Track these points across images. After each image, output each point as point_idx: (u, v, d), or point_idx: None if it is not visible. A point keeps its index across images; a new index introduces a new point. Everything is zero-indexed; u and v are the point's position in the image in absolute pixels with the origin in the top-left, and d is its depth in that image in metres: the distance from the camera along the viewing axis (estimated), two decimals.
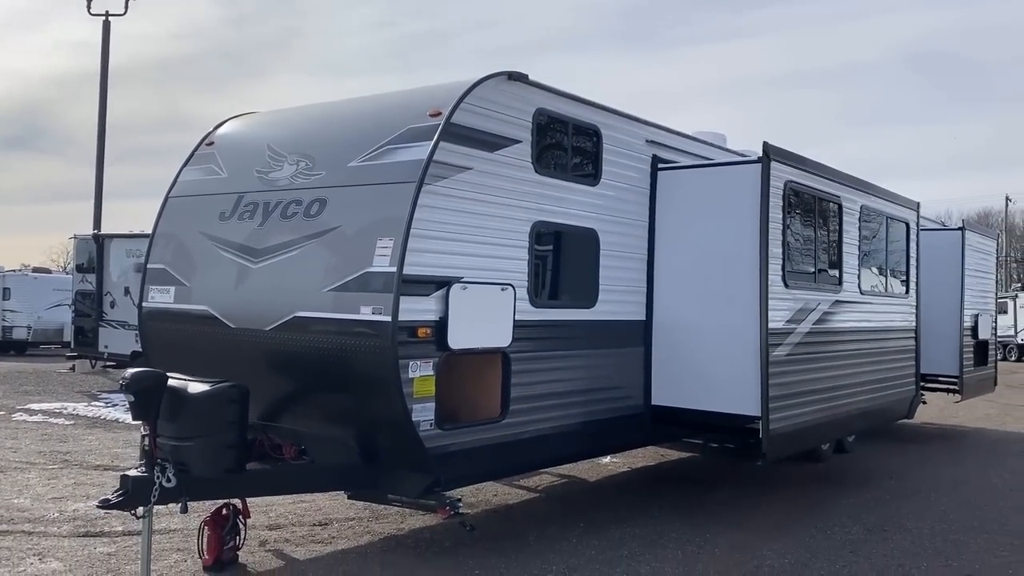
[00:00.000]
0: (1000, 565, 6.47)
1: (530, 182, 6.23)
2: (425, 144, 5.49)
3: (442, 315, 5.51)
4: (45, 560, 6.06)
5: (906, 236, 10.05)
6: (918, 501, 8.50)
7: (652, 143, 7.49)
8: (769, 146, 6.98)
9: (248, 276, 6.05)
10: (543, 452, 6.55)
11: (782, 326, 7.18)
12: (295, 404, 6.12)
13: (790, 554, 6.60)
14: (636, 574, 6.05)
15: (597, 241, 6.89)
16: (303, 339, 5.67)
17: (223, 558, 5.93)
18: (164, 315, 6.62)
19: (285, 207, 6.00)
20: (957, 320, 11.78)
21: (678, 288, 7.34)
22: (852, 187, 8.57)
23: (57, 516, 7.24)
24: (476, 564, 6.13)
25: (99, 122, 22.82)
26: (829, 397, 7.97)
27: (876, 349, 9.07)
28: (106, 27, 22.96)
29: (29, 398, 15.47)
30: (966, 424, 14.42)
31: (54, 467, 9.31)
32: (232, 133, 7.08)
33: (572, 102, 6.65)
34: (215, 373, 5.65)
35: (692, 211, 7.30)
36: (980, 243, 13.06)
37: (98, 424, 12.60)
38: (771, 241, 6.95)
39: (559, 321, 6.58)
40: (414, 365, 5.34)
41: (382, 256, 5.31)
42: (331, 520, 7.25)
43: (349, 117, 6.48)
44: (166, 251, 6.73)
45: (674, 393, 7.31)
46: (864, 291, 8.79)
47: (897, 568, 6.33)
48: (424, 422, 5.42)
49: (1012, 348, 33.46)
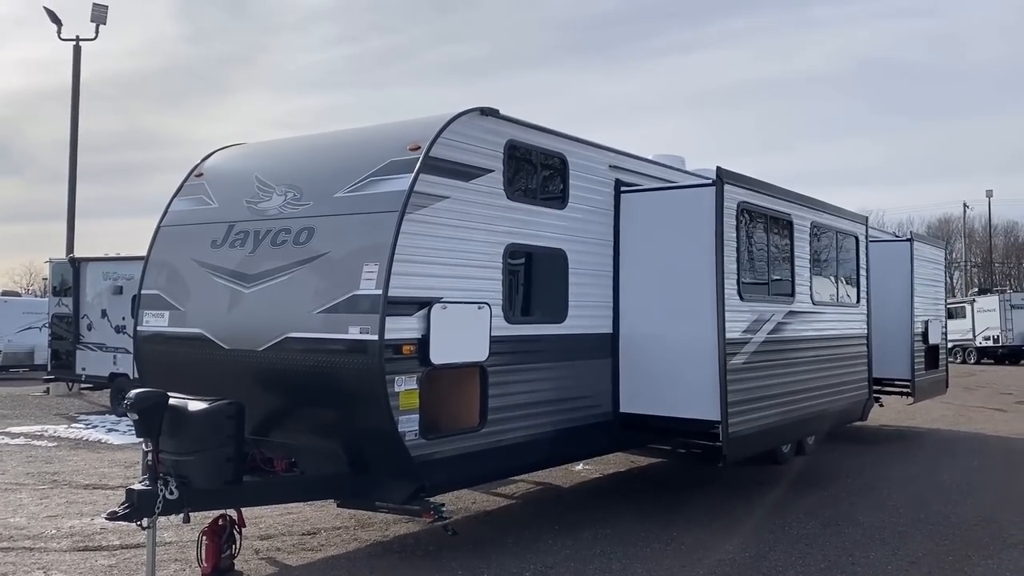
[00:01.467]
0: (941, 553, 7.03)
1: (502, 208, 6.71)
2: (406, 176, 5.96)
3: (424, 333, 5.95)
4: (50, 573, 6.38)
5: (856, 248, 10.67)
6: (871, 497, 9.06)
7: (615, 168, 8.01)
8: (722, 170, 7.53)
9: (241, 300, 6.46)
10: (520, 458, 7.00)
11: (739, 336, 7.72)
12: (286, 419, 6.52)
13: (750, 549, 7.11)
14: (608, 570, 6.52)
15: (566, 260, 7.38)
16: (294, 358, 6.08)
17: (221, 566, 6.30)
18: (159, 338, 7.00)
19: (275, 235, 6.42)
20: (908, 326, 12.43)
21: (642, 302, 7.84)
22: (802, 205, 9.17)
23: (55, 533, 7.55)
24: (458, 565, 6.56)
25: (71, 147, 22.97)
26: (785, 401, 8.52)
27: (829, 356, 9.65)
28: (77, 51, 23.17)
29: (8, 421, 15.59)
30: (921, 426, 15.09)
31: (44, 487, 9.58)
32: (220, 164, 7.48)
33: (540, 133, 7.15)
34: (210, 392, 6.04)
35: (653, 231, 7.82)
36: (929, 253, 13.76)
37: (81, 445, 12.81)
38: (726, 257, 7.48)
39: (532, 336, 7.06)
40: (399, 380, 5.78)
41: (368, 279, 5.75)
42: (319, 529, 7.64)
43: (333, 150, 6.92)
44: (160, 277, 7.11)
45: (640, 401, 7.80)
46: (816, 301, 9.37)
47: (847, 558, 6.86)
48: (409, 432, 5.85)
49: (971, 351, 34.53)
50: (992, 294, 36.60)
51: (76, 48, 23.13)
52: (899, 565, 6.70)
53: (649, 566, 6.62)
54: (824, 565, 6.66)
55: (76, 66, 23.06)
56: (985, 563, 6.74)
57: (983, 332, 34.06)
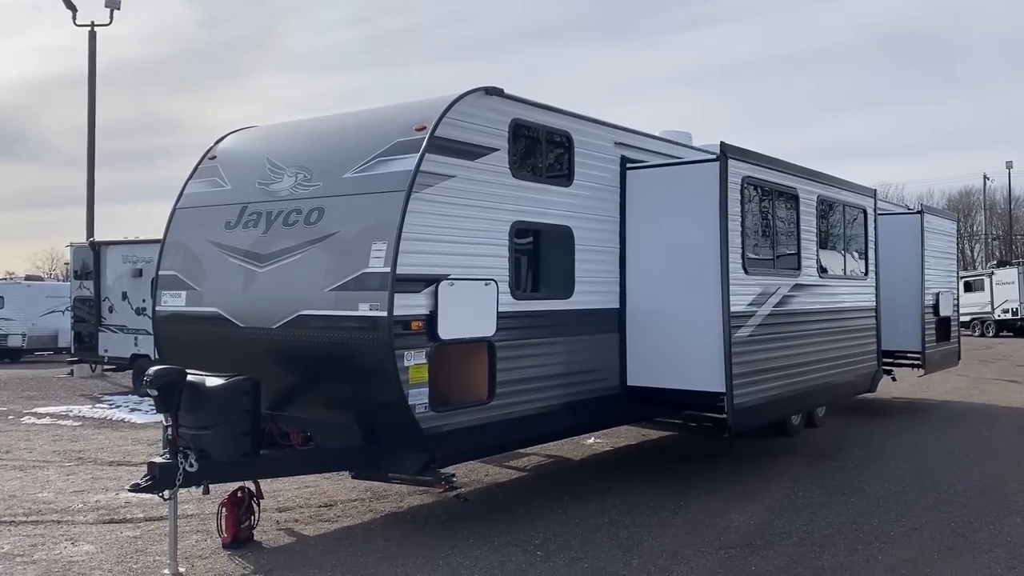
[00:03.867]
0: (944, 519, 7.16)
1: (508, 186, 6.85)
2: (412, 156, 6.10)
3: (432, 309, 6.12)
4: (77, 544, 6.64)
5: (864, 221, 10.73)
6: (879, 467, 9.18)
7: (620, 144, 8.11)
8: (726, 145, 7.62)
9: (255, 279, 6.64)
10: (529, 431, 7.18)
11: (743, 309, 7.83)
12: (301, 394, 6.72)
13: (755, 516, 7.27)
14: (616, 537, 6.70)
15: (572, 237, 7.51)
16: (307, 335, 6.27)
17: (240, 536, 6.53)
18: (177, 318, 7.21)
19: (287, 216, 6.60)
20: (919, 299, 12.47)
21: (648, 277, 7.97)
22: (808, 179, 9.23)
23: (81, 507, 7.82)
24: (470, 533, 6.76)
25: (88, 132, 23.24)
26: (791, 373, 8.64)
27: (837, 328, 9.75)
28: (92, 37, 23.39)
29: (34, 402, 15.99)
30: (934, 398, 15.15)
31: (70, 464, 9.87)
32: (233, 148, 7.65)
33: (544, 111, 7.26)
34: (226, 369, 6.24)
35: (659, 206, 7.93)
36: (941, 225, 13.76)
37: (106, 424, 13.14)
38: (730, 232, 7.59)
39: (539, 311, 7.21)
40: (409, 355, 5.96)
41: (377, 258, 5.92)
42: (335, 502, 7.87)
43: (342, 131, 7.07)
44: (176, 259, 7.31)
45: (647, 374, 7.95)
46: (823, 274, 9.46)
47: (851, 525, 7.00)
48: (419, 405, 6.03)
49: (990, 324, 34.36)
50: (1011, 267, 36.30)
51: (91, 34, 23.34)
52: (902, 531, 6.83)
53: (656, 533, 6.79)
54: (828, 532, 6.81)
55: (92, 52, 23.29)
56: (986, 528, 6.87)
57: (1002, 305, 33.85)
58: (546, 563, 6.08)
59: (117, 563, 6.17)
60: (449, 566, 6.02)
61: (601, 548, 6.42)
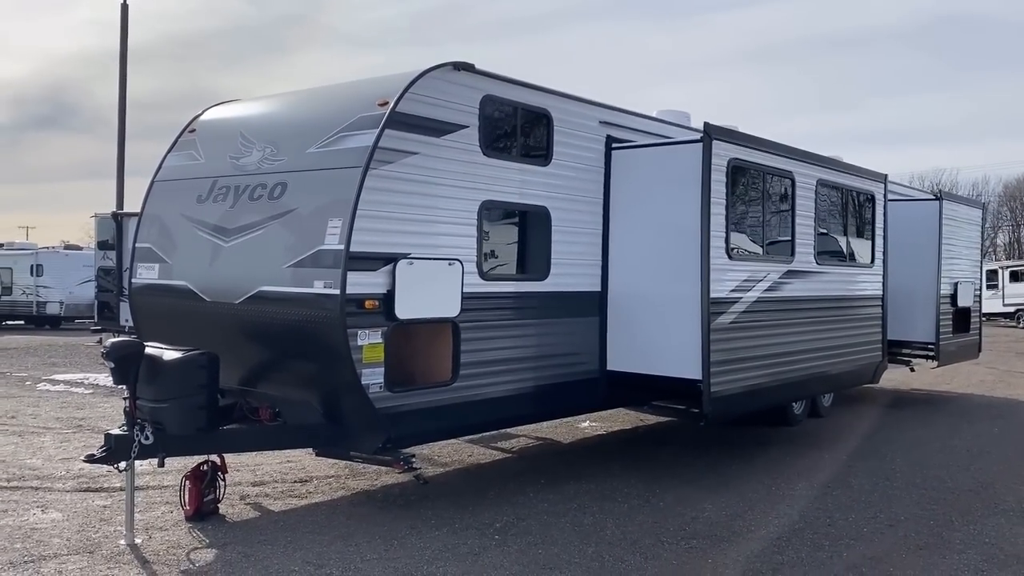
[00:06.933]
0: (924, 517, 6.91)
1: (478, 164, 6.70)
2: (371, 132, 5.99)
3: (390, 288, 6.03)
4: (47, 511, 6.74)
5: (872, 207, 10.37)
6: (873, 461, 8.92)
7: (606, 124, 7.90)
8: (709, 126, 7.37)
9: (220, 254, 6.63)
10: (496, 413, 7.07)
11: (725, 295, 7.61)
12: (266, 371, 6.70)
13: (729, 508, 7.10)
14: (579, 524, 6.59)
15: (548, 218, 7.35)
16: (267, 311, 6.24)
17: (203, 509, 6.56)
18: (150, 290, 7.24)
19: (252, 190, 6.55)
20: (934, 288, 12.05)
21: (631, 261, 7.79)
22: (806, 162, 8.92)
23: (64, 474, 7.94)
24: (433, 515, 6.71)
25: (119, 104, 23.59)
26: (780, 362, 8.40)
27: (835, 316, 9.46)
28: (124, 11, 23.65)
29: (55, 369, 16.37)
30: (954, 390, 14.72)
31: (67, 431, 10.05)
32: (212, 121, 7.63)
33: (521, 88, 7.08)
34: (195, 343, 6.26)
35: (643, 188, 7.73)
36: (963, 213, 13.26)
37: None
38: (714, 216, 7.36)
39: (509, 293, 7.08)
40: (363, 334, 5.89)
41: (332, 235, 5.84)
42: (312, 477, 7.88)
43: (310, 106, 7.00)
44: (151, 231, 7.33)
45: (628, 359, 7.79)
46: (820, 261, 9.16)
47: (825, 520, 6.80)
48: (373, 385, 5.97)
49: None
50: None
51: (124, 7, 23.61)
52: (876, 527, 6.62)
53: (621, 521, 6.67)
54: (799, 526, 6.62)
55: (124, 27, 23.57)
56: (966, 528, 6.62)
57: None
58: (501, 547, 6.01)
59: (78, 531, 6.25)
60: (403, 546, 5.97)
61: (561, 534, 6.32)
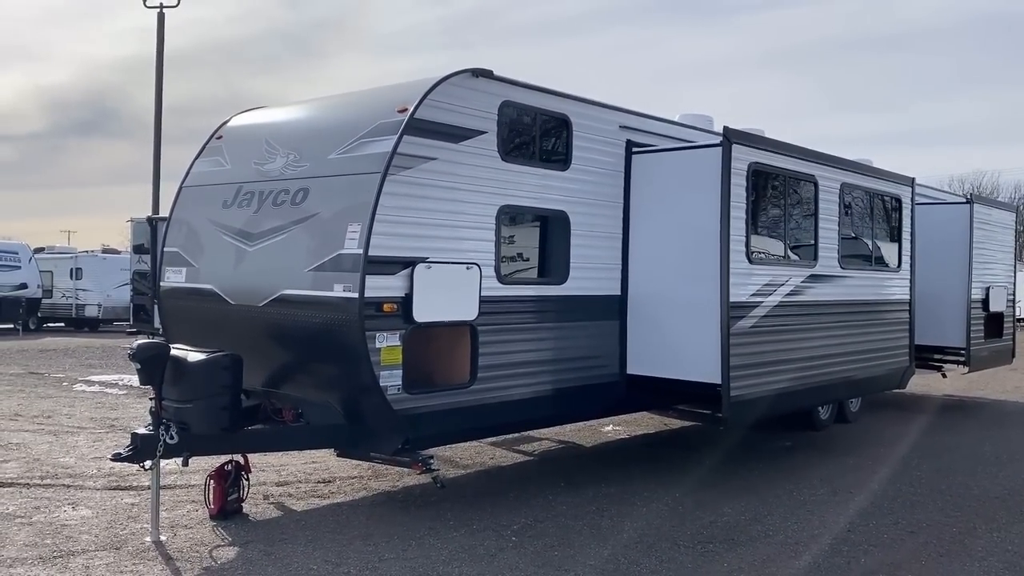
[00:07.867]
0: (946, 524, 6.84)
1: (496, 169, 6.76)
2: (391, 138, 6.09)
3: (408, 292, 6.12)
4: (77, 508, 6.92)
5: (898, 211, 10.27)
6: (898, 467, 8.83)
7: (626, 128, 7.93)
8: (729, 130, 7.38)
9: (244, 258, 6.77)
10: (515, 415, 7.13)
11: (746, 299, 7.60)
12: (289, 372, 6.83)
13: (748, 511, 7.08)
14: (597, 527, 6.62)
15: (568, 222, 7.39)
16: (289, 314, 6.36)
17: (227, 508, 6.70)
18: (178, 293, 7.40)
19: (276, 196, 6.69)
20: (965, 293, 11.88)
21: (651, 265, 7.81)
22: (829, 165, 8.86)
23: (95, 473, 8.14)
24: (452, 516, 6.79)
25: (156, 110, 24.06)
26: (800, 367, 8.35)
27: (860, 321, 9.38)
28: (160, 19, 24.13)
29: (91, 370, 16.73)
30: (988, 396, 14.50)
31: (101, 431, 10.28)
32: (238, 127, 7.78)
33: (539, 93, 7.14)
34: (221, 345, 6.39)
35: (664, 192, 7.75)
36: (995, 216, 13.06)
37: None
38: (733, 220, 7.36)
39: (528, 297, 7.14)
40: (381, 336, 5.98)
41: (352, 239, 5.95)
42: (335, 478, 7.99)
43: (332, 112, 7.11)
44: (179, 236, 7.50)
45: (647, 363, 7.81)
46: (844, 265, 9.10)
47: (845, 525, 6.76)
48: (392, 387, 6.06)
49: None
50: None
51: (160, 15, 24.08)
52: (897, 534, 6.57)
53: (638, 524, 6.69)
54: (818, 531, 6.60)
55: (160, 33, 24.03)
56: (989, 536, 6.54)
57: None
58: (518, 549, 6.06)
59: (106, 528, 6.41)
60: (421, 547, 6.05)
61: (578, 537, 6.36)
